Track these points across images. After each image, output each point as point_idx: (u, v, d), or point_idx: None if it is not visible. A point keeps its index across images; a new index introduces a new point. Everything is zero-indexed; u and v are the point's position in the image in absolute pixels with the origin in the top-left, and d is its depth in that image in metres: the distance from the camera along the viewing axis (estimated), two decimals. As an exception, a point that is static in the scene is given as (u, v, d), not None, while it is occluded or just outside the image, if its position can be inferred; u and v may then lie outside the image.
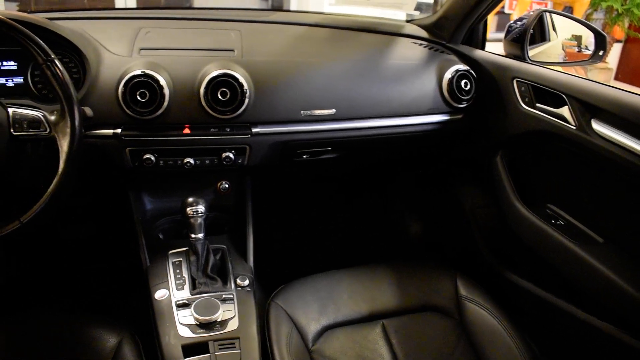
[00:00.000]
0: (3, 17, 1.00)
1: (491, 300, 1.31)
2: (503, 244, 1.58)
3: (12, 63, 1.31)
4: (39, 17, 1.28)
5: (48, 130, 1.05)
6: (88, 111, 1.10)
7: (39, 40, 1.02)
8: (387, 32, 1.57)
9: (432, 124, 1.46)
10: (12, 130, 1.04)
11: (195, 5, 4.71)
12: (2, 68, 1.31)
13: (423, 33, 1.62)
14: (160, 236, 1.40)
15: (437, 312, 1.32)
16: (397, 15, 1.91)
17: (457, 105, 1.45)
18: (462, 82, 1.43)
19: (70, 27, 1.31)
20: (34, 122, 1.05)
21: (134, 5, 3.66)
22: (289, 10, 1.83)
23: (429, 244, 1.95)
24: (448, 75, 1.43)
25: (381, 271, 1.40)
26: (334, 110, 1.34)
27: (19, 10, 1.39)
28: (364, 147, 1.49)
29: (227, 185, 1.46)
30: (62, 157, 1.03)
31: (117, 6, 3.66)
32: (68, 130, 1.03)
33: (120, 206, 1.56)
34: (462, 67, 1.45)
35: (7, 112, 1.05)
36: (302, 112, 1.31)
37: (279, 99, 1.30)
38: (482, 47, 1.63)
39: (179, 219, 1.45)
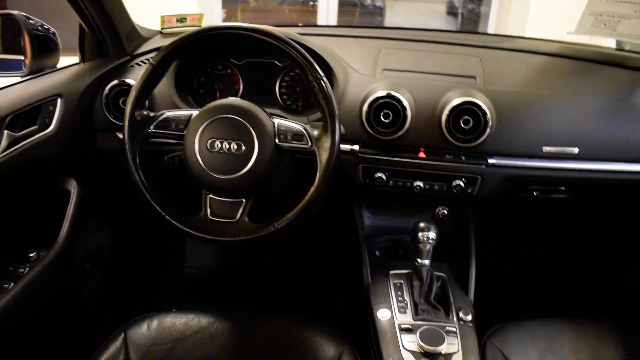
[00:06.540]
0: (284, 37, 1.07)
1: None
2: None
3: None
4: (294, 33, 1.37)
5: (310, 143, 1.09)
6: (341, 128, 1.14)
7: (311, 59, 1.08)
8: (637, 68, 1.43)
9: None
10: (276, 141, 1.10)
11: (386, 23, 4.80)
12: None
13: None
14: (377, 254, 1.41)
15: None
16: (605, 42, 1.74)
17: None
18: None
19: (317, 43, 1.38)
20: (297, 135, 1.10)
21: (334, 20, 3.81)
22: (527, 38, 1.76)
23: None
24: None
25: (607, 327, 1.27)
26: (576, 149, 1.25)
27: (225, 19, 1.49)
28: (603, 191, 1.37)
29: (445, 212, 1.44)
30: (320, 170, 1.07)
31: (319, 21, 3.85)
32: (328, 145, 1.07)
33: (337, 218, 1.61)
34: None
35: (273, 123, 1.11)
36: (544, 147, 1.24)
37: (520, 131, 1.25)
38: None
39: (396, 239, 1.45)
